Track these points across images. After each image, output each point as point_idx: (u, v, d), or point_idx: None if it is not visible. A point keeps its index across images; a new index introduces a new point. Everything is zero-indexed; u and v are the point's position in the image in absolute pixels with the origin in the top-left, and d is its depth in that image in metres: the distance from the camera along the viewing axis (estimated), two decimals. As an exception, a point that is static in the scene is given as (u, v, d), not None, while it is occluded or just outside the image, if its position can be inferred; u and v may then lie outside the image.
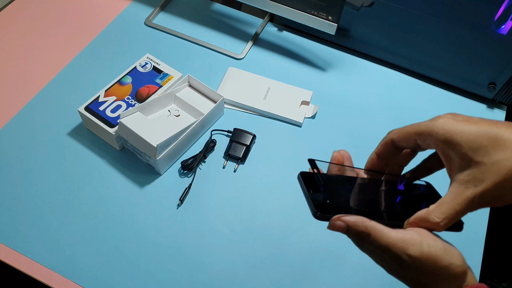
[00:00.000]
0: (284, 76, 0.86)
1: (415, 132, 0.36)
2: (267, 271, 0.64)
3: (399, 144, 0.38)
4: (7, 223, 0.66)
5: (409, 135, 0.37)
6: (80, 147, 0.75)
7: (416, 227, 0.34)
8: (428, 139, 0.35)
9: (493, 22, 0.73)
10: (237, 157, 0.73)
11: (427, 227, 0.34)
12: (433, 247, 0.33)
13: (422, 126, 0.35)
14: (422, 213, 0.35)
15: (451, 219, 0.34)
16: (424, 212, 0.34)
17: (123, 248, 0.65)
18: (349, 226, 0.34)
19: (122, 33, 0.90)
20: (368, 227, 0.33)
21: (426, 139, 0.35)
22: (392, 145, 0.38)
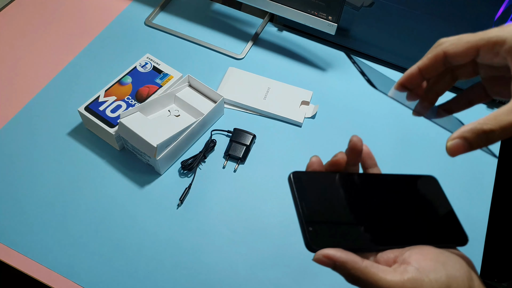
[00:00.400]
0: (284, 76, 0.86)
1: (480, 40, 0.31)
2: (267, 271, 0.64)
3: (453, 58, 0.32)
4: (7, 223, 0.66)
5: (471, 46, 0.31)
6: (80, 147, 0.75)
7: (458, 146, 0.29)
8: (498, 47, 0.30)
9: (493, 22, 0.73)
10: (237, 157, 0.73)
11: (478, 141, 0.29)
12: (436, 282, 0.29)
13: (491, 32, 0.30)
14: (471, 125, 0.29)
15: (508, 130, 0.28)
16: (474, 123, 0.29)
17: (123, 248, 0.65)
18: (336, 265, 0.30)
19: (122, 33, 0.90)
20: (359, 270, 0.30)
21: (494, 49, 0.30)
22: (443, 59, 0.33)
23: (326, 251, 0.30)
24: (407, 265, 0.30)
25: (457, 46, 0.32)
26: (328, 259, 0.30)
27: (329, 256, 0.30)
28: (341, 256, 0.30)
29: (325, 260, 0.30)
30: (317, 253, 0.30)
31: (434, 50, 0.33)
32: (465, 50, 0.32)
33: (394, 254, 0.32)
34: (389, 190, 0.36)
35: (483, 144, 0.29)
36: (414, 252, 0.31)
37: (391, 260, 0.32)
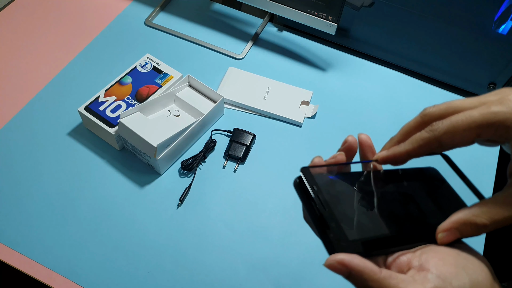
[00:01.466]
0: (284, 76, 0.86)
1: (479, 126, 0.27)
2: (267, 271, 0.64)
3: (448, 146, 0.29)
4: (7, 223, 0.66)
5: (470, 133, 0.28)
6: (80, 147, 0.75)
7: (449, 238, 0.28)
8: (501, 131, 0.27)
9: (493, 22, 0.73)
10: (237, 157, 0.73)
11: (469, 233, 0.28)
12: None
13: (490, 112, 0.27)
14: (463, 215, 0.28)
15: (500, 224, 0.27)
16: (466, 214, 0.28)
17: (123, 248, 0.65)
18: (352, 274, 0.26)
19: (122, 33, 0.90)
20: (378, 281, 0.26)
21: (497, 132, 0.27)
22: (436, 147, 0.30)
23: (341, 256, 0.26)
24: (426, 272, 0.27)
25: (454, 135, 0.28)
26: (343, 266, 0.26)
27: (345, 263, 0.26)
28: (359, 264, 0.26)
29: (339, 267, 0.26)
30: (329, 258, 0.26)
31: (426, 137, 0.30)
32: (464, 139, 0.28)
33: (406, 257, 0.29)
34: (400, 187, 0.34)
35: (474, 235, 0.28)
36: (431, 256, 0.28)
37: (405, 265, 0.29)
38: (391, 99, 0.84)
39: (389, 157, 0.32)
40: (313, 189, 0.29)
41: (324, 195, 0.29)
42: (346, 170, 0.33)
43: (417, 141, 0.30)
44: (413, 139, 0.31)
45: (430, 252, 0.29)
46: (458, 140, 0.29)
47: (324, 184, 0.30)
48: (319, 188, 0.29)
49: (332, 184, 0.31)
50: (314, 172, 0.31)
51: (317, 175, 0.30)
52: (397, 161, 0.32)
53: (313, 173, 0.30)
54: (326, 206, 0.28)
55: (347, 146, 0.33)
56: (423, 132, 0.30)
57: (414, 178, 0.35)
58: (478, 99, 0.29)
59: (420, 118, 0.31)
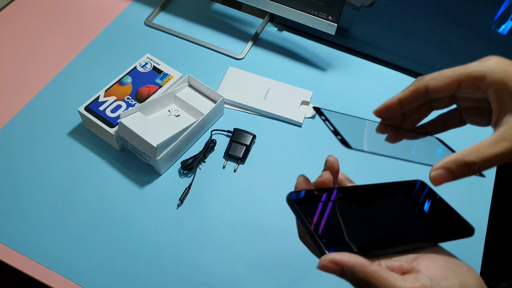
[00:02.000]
0: (284, 76, 0.86)
1: (460, 75, 0.32)
2: (267, 271, 0.64)
3: (434, 92, 0.33)
4: (7, 223, 0.66)
5: (452, 80, 0.32)
6: (80, 147, 0.75)
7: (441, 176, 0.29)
8: (478, 82, 0.31)
9: (493, 22, 0.73)
10: (237, 157, 0.73)
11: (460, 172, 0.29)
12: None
13: (471, 67, 0.32)
14: (453, 156, 0.29)
15: (489, 162, 0.29)
16: (457, 154, 0.29)
17: (123, 248, 0.65)
18: (344, 270, 0.28)
19: (122, 33, 0.90)
20: (369, 274, 0.28)
21: (475, 83, 0.31)
22: (424, 93, 0.33)
23: (332, 255, 0.28)
24: (416, 273, 0.29)
25: (438, 80, 0.32)
26: (335, 264, 0.28)
27: (336, 261, 0.27)
28: (349, 260, 0.28)
29: (331, 266, 0.28)
30: (321, 259, 0.28)
31: (415, 85, 0.33)
32: (446, 84, 0.32)
33: (399, 262, 0.30)
34: (386, 197, 0.36)
35: (466, 175, 0.30)
36: (422, 259, 0.30)
37: (397, 269, 0.30)
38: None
39: (383, 107, 0.35)
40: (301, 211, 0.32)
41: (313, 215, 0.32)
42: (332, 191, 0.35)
43: (407, 88, 0.34)
44: (404, 89, 0.34)
45: (421, 257, 0.30)
46: (442, 87, 0.32)
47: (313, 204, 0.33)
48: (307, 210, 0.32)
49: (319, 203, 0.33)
50: (302, 195, 0.33)
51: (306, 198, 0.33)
52: (392, 111, 0.35)
53: (301, 196, 0.33)
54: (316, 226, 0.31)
55: (329, 165, 0.36)
56: (413, 82, 0.34)
57: (401, 190, 0.37)
58: (464, 65, 0.33)
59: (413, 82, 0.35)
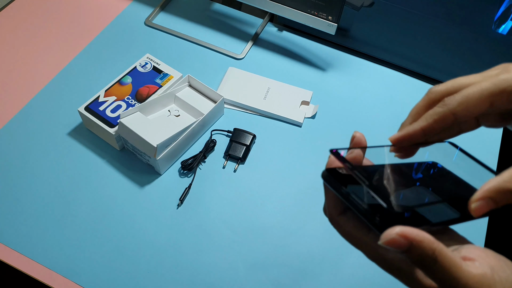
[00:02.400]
0: (284, 76, 0.86)
1: (491, 93, 0.28)
2: (267, 271, 0.64)
3: (463, 118, 0.29)
4: (7, 223, 0.66)
5: (483, 101, 0.28)
6: (80, 147, 0.75)
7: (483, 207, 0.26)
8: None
9: (493, 22, 0.73)
10: (237, 157, 0.73)
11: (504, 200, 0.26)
12: (506, 281, 0.26)
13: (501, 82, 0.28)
14: (495, 183, 0.26)
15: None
16: (498, 182, 0.26)
17: (123, 248, 0.65)
18: (413, 245, 0.24)
19: (122, 33, 0.90)
20: (437, 250, 0.24)
21: (510, 98, 0.28)
22: (452, 121, 0.29)
23: (400, 228, 0.24)
24: (473, 261, 0.26)
25: (467, 106, 0.28)
26: (404, 238, 0.24)
27: (405, 234, 0.24)
28: (418, 234, 0.24)
29: (400, 240, 0.24)
30: (387, 232, 0.24)
31: (441, 112, 0.29)
32: (478, 107, 0.28)
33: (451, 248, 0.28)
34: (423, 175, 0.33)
35: (509, 202, 0.27)
36: (472, 249, 0.27)
37: None
38: (391, 99, 0.84)
39: (403, 137, 0.31)
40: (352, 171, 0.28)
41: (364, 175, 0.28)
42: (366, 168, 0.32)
43: (431, 116, 0.30)
44: (427, 115, 0.30)
45: (469, 247, 0.28)
46: (472, 111, 0.28)
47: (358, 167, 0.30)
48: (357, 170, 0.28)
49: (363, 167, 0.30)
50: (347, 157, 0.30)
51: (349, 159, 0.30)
52: (412, 140, 0.31)
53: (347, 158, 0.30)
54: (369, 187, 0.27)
55: (357, 141, 0.33)
56: (436, 108, 0.29)
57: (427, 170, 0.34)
58: (481, 74, 0.30)
59: (427, 97, 0.31)
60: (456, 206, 0.31)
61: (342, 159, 0.29)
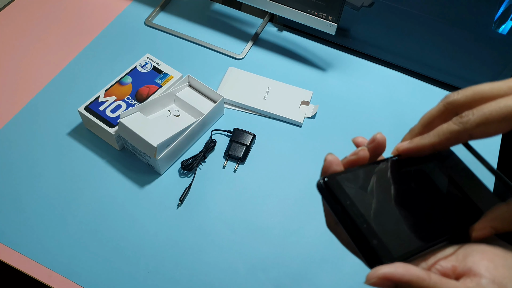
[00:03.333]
0: (284, 76, 0.86)
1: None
2: (267, 271, 0.64)
3: (480, 136, 0.26)
4: (7, 223, 0.66)
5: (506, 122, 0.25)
6: (80, 147, 0.75)
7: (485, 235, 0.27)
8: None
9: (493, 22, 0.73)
10: (237, 157, 0.73)
11: (505, 229, 0.26)
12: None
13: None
14: (502, 212, 0.26)
15: None
16: (506, 209, 0.26)
17: (123, 248, 0.65)
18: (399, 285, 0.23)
19: (122, 33, 0.90)
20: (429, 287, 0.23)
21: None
22: (467, 138, 0.27)
23: (382, 270, 0.23)
24: (479, 278, 0.24)
25: (487, 128, 0.25)
26: (387, 280, 0.23)
27: (387, 276, 0.23)
28: (404, 274, 0.23)
29: (383, 283, 0.23)
30: (370, 275, 0.24)
31: (456, 130, 0.26)
32: (498, 131, 0.25)
33: (450, 262, 0.26)
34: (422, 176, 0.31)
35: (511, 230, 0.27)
36: (478, 258, 0.26)
37: (449, 271, 0.26)
38: (391, 99, 0.84)
39: (412, 150, 0.29)
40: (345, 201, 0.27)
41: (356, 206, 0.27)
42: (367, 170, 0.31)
43: (445, 134, 0.27)
44: (439, 131, 0.27)
45: (475, 253, 0.26)
46: (491, 133, 0.26)
47: (352, 192, 0.28)
48: (350, 199, 0.27)
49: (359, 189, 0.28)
50: (341, 179, 0.28)
51: (343, 181, 0.28)
52: (420, 154, 0.29)
53: (339, 181, 0.28)
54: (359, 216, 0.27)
55: (375, 145, 0.30)
56: (451, 124, 0.27)
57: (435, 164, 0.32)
58: (507, 84, 0.26)
59: (443, 107, 0.28)
60: (455, 222, 0.29)
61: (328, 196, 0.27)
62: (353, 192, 0.28)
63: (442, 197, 0.30)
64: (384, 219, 0.27)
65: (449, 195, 0.31)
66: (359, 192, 0.28)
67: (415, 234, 0.27)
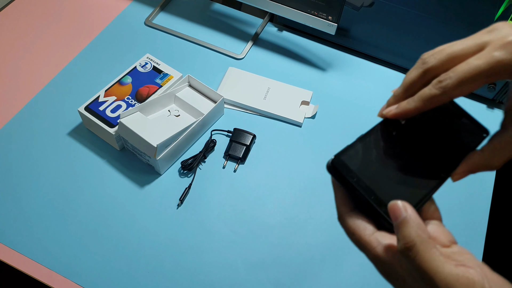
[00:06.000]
0: (284, 76, 0.86)
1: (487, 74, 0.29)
2: (267, 271, 0.64)
3: (458, 96, 0.30)
4: (7, 223, 0.66)
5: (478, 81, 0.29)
6: (80, 147, 0.75)
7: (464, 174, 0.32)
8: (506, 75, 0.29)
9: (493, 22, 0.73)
10: (237, 157, 0.73)
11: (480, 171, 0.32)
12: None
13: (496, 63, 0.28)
14: (476, 159, 0.31)
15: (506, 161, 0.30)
16: (479, 157, 0.31)
17: (123, 248, 0.65)
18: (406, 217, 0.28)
19: (122, 33, 0.90)
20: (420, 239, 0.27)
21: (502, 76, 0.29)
22: (447, 99, 0.30)
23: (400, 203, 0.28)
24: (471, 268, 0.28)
25: (463, 88, 0.29)
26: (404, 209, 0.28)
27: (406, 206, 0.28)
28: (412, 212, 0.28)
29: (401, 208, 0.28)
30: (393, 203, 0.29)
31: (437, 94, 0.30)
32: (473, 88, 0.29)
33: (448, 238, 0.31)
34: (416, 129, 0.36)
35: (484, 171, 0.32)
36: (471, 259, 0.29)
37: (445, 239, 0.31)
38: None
39: (399, 114, 0.33)
40: (352, 179, 0.32)
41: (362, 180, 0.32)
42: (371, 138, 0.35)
43: (427, 98, 0.31)
44: (423, 96, 0.31)
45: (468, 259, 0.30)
46: (466, 92, 0.29)
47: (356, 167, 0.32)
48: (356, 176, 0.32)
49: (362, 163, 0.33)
50: (345, 158, 0.32)
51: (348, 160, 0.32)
52: (406, 117, 0.33)
53: (344, 160, 0.32)
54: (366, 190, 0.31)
55: None
56: (433, 89, 0.30)
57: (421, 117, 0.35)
58: (474, 41, 0.30)
59: (421, 69, 0.31)
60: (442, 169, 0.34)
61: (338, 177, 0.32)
62: (357, 167, 0.32)
63: (431, 149, 0.35)
64: (386, 185, 0.32)
65: (436, 146, 0.35)
66: (362, 166, 0.32)
67: (414, 189, 0.32)
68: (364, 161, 0.33)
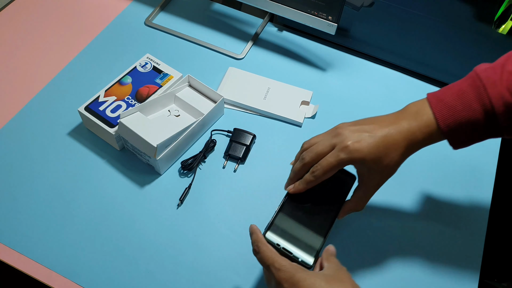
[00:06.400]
0: (284, 76, 0.86)
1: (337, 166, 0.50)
2: (267, 271, 0.64)
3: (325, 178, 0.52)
4: (7, 223, 0.66)
5: (333, 170, 0.51)
6: (80, 147, 0.75)
7: None
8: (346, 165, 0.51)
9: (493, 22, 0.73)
10: (237, 157, 0.73)
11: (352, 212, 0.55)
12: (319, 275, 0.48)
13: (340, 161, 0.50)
14: (347, 207, 0.55)
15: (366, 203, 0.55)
16: (350, 205, 0.54)
17: (123, 248, 0.65)
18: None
19: (122, 33, 0.90)
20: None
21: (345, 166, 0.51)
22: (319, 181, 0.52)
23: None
24: None
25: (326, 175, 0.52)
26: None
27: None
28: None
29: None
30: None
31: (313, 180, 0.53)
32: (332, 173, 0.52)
33: None
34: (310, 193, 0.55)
35: None
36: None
37: None
38: (391, 99, 0.84)
39: (296, 191, 0.54)
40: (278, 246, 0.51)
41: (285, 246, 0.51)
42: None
43: (308, 182, 0.52)
44: (306, 179, 0.52)
45: None
46: (330, 175, 0.51)
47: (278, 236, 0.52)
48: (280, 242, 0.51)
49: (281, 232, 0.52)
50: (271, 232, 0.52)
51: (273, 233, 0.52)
52: (301, 192, 0.54)
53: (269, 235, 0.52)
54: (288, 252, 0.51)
55: None
56: (310, 176, 0.52)
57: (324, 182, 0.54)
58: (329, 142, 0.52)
59: (302, 164, 0.53)
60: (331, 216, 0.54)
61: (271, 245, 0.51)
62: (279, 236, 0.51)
63: (324, 204, 0.55)
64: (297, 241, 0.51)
65: (326, 199, 0.55)
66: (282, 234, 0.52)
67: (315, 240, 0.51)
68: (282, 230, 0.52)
